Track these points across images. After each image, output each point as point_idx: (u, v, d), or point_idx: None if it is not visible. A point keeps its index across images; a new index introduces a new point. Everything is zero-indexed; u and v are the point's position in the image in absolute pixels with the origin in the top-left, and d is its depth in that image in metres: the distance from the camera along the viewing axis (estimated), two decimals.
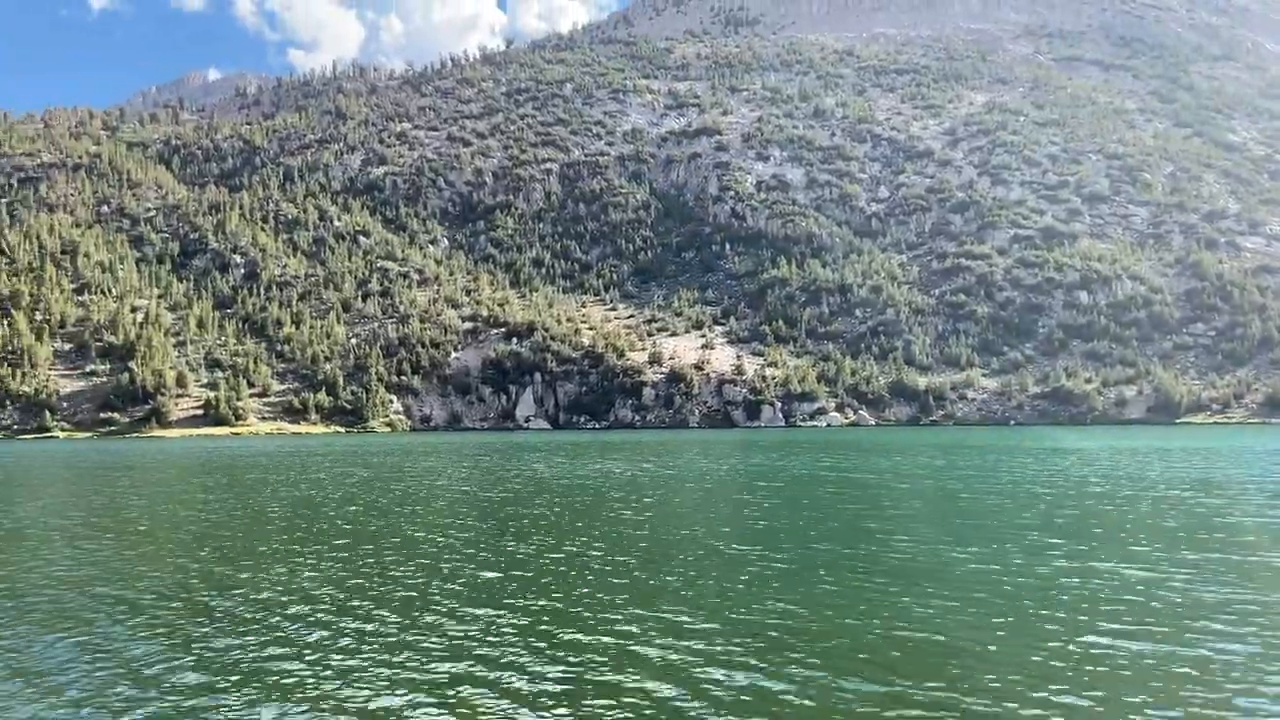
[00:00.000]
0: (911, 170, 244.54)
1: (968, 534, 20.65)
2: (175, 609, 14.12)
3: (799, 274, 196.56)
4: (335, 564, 17.75)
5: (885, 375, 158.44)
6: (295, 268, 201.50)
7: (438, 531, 22.15)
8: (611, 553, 18.47)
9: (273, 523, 24.65)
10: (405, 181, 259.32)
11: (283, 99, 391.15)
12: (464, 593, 14.88)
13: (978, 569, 16.30)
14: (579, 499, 29.54)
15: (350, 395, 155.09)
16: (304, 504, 29.46)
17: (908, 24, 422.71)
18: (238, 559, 18.58)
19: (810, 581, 15.41)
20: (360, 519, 24.95)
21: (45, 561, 18.64)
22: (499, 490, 33.26)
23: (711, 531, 21.58)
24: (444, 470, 45.82)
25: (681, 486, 34.04)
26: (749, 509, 26.63)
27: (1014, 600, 13.84)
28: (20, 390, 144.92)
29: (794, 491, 31.62)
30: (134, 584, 16.04)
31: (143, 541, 21.51)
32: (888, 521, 22.69)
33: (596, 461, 51.17)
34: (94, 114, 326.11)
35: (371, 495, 31.97)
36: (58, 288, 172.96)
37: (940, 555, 17.73)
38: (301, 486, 36.63)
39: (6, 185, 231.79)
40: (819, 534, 20.98)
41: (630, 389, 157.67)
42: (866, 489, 32.08)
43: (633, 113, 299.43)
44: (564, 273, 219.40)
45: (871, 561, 17.21)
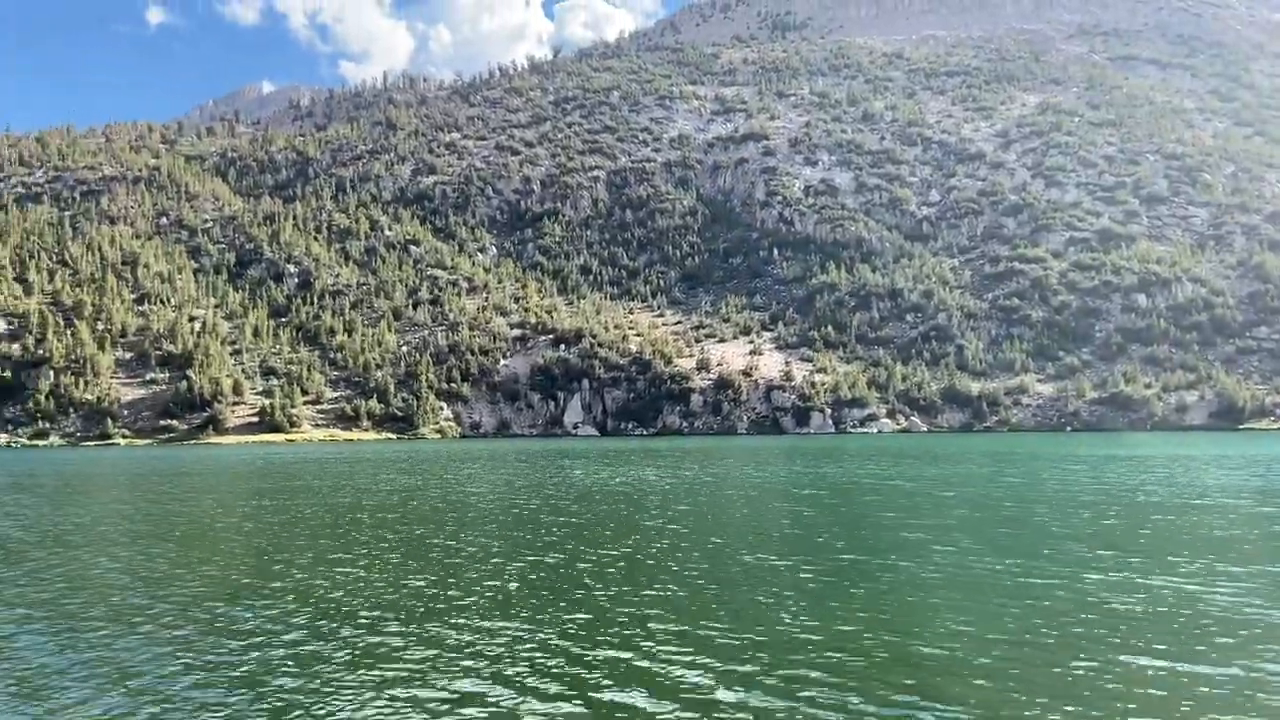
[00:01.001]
0: (963, 173, 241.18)
1: (1008, 545, 20.10)
2: (214, 612, 14.22)
3: (848, 279, 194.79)
4: (369, 570, 17.79)
5: (937, 381, 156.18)
6: (347, 277, 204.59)
7: (464, 540, 22.12)
8: (635, 562, 18.28)
9: (316, 529, 24.86)
10: (454, 190, 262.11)
11: (335, 110, 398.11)
12: (481, 603, 14.75)
13: (1015, 582, 15.80)
14: (610, 507, 29.39)
15: (401, 402, 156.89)
16: (346, 510, 29.71)
17: (958, 25, 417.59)
18: (274, 565, 18.71)
19: (837, 594, 15.05)
20: (395, 526, 25.07)
21: (94, 564, 18.96)
22: (531, 498, 33.23)
23: (741, 541, 21.27)
24: (481, 477, 45.97)
25: (717, 494, 33.74)
26: (782, 518, 26.28)
27: (1050, 615, 13.36)
28: (83, 398, 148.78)
29: (832, 500, 31.15)
30: (181, 587, 16.22)
31: (190, 546, 21.81)
32: (926, 531, 22.19)
33: (635, 469, 51.02)
34: (153, 128, 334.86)
35: (408, 503, 32.16)
36: (119, 298, 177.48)
37: (977, 567, 17.25)
38: (346, 493, 36.98)
39: (70, 198, 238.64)
40: (852, 544, 20.57)
41: (678, 395, 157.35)
42: (909, 497, 31.48)
43: (679, 119, 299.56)
44: (611, 279, 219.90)
45: (903, 573, 16.79)
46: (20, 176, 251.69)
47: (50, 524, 27.47)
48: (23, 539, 23.92)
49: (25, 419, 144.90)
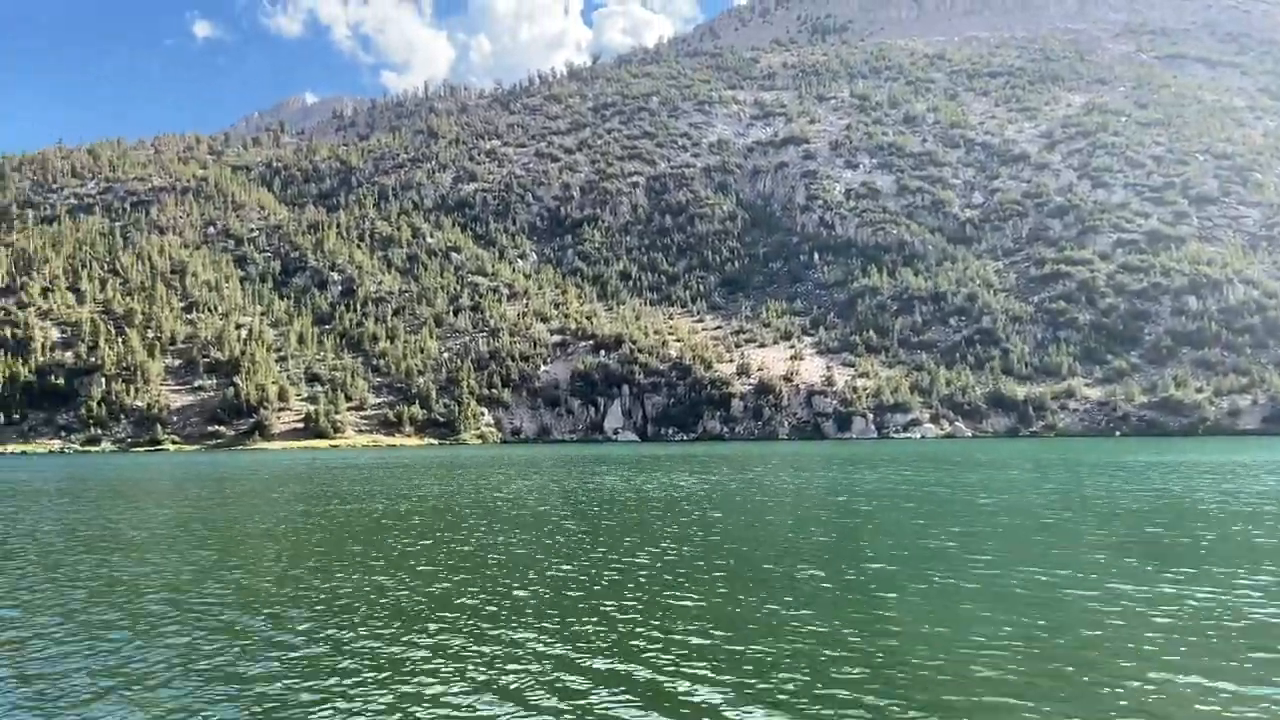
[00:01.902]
0: (1007, 175, 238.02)
1: (1044, 554, 19.55)
2: (239, 617, 14.25)
3: (890, 282, 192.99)
4: (392, 576, 17.77)
5: (982, 385, 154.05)
6: (390, 284, 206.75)
7: (494, 546, 22.04)
8: (656, 571, 18.02)
9: (348, 534, 24.95)
10: (495, 198, 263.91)
11: (377, 120, 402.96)
12: (502, 612, 14.61)
13: (1051, 594, 15.32)
14: (637, 514, 29.18)
15: (443, 408, 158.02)
16: (380, 515, 29.84)
17: (1001, 26, 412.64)
18: (304, 570, 18.77)
19: (859, 603, 14.67)
20: (424, 532, 25.10)
21: (125, 567, 19.15)
22: (560, 505, 33.14)
23: (770, 548, 20.93)
24: (517, 484, 46.00)
25: (749, 501, 33.39)
26: (812, 525, 25.88)
27: (1085, 629, 12.90)
28: (134, 405, 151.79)
29: (866, 506, 30.64)
30: (207, 590, 16.30)
31: (223, 551, 21.97)
32: (958, 540, 21.69)
33: (667, 475, 50.76)
34: (200, 139, 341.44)
35: (439, 509, 32.22)
36: (168, 306, 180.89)
37: (1008, 577, 16.73)
38: (380, 499, 37.18)
39: (120, 209, 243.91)
40: (883, 552, 20.10)
41: (718, 401, 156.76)
42: (945, 504, 30.91)
43: (719, 124, 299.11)
44: (651, 285, 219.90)
45: (928, 583, 16.35)
46: (73, 188, 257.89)
47: (90, 528, 27.89)
48: (61, 543, 24.28)
49: (78, 425, 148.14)
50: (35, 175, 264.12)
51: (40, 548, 23.36)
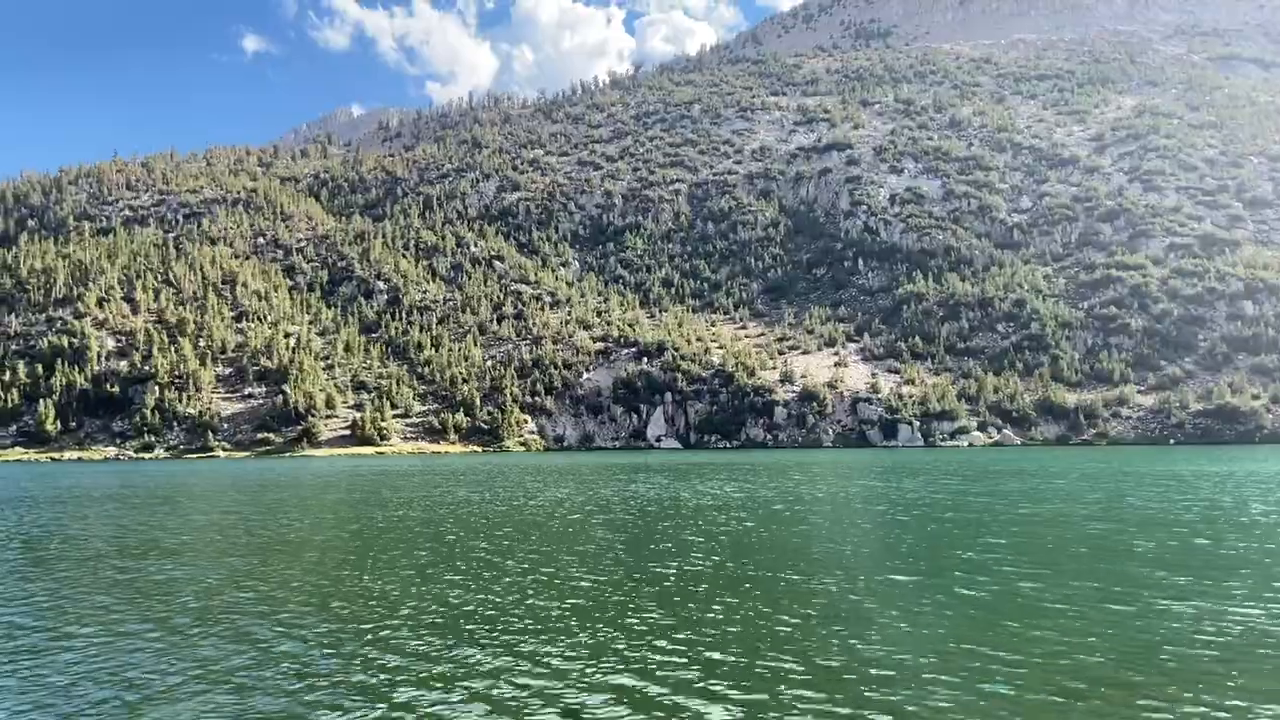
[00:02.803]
0: (1056, 179, 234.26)
1: (1084, 568, 18.95)
2: (273, 621, 14.26)
3: (936, 288, 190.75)
4: (418, 582, 17.71)
5: (1031, 392, 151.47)
6: (434, 293, 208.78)
7: (513, 555, 21.91)
8: (681, 582, 17.71)
9: (383, 541, 25.01)
10: (538, 206, 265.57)
11: (422, 130, 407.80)
12: (518, 621, 14.44)
13: (1089, 609, 14.82)
14: (668, 523, 28.91)
15: (487, 416, 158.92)
16: (415, 522, 29.91)
17: (1049, 28, 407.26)
18: (336, 574, 18.80)
19: (882, 617, 14.24)
20: (451, 539, 25.07)
21: (162, 571, 19.33)
22: (592, 514, 32.96)
23: (793, 560, 20.47)
24: (544, 491, 45.92)
25: (782, 511, 32.94)
26: (844, 536, 25.36)
27: (1126, 650, 12.41)
28: (186, 412, 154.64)
29: (903, 517, 30.02)
30: (242, 595, 16.36)
31: (262, 556, 22.10)
32: (995, 552, 21.04)
33: (705, 483, 50.36)
34: (250, 151, 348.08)
35: (470, 516, 32.23)
36: (219, 315, 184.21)
37: (1040, 591, 16.23)
38: (417, 506, 37.30)
39: (173, 220, 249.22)
40: (911, 565, 19.60)
41: (761, 408, 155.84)
42: (986, 515, 30.22)
43: (761, 130, 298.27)
44: (693, 292, 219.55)
45: (958, 597, 15.87)
46: (127, 200, 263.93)
47: (133, 534, 28.26)
48: (106, 548, 24.61)
49: (133, 432, 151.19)
50: (92, 188, 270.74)
51: (82, 552, 23.70)
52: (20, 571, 20.55)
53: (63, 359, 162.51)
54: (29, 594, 17.65)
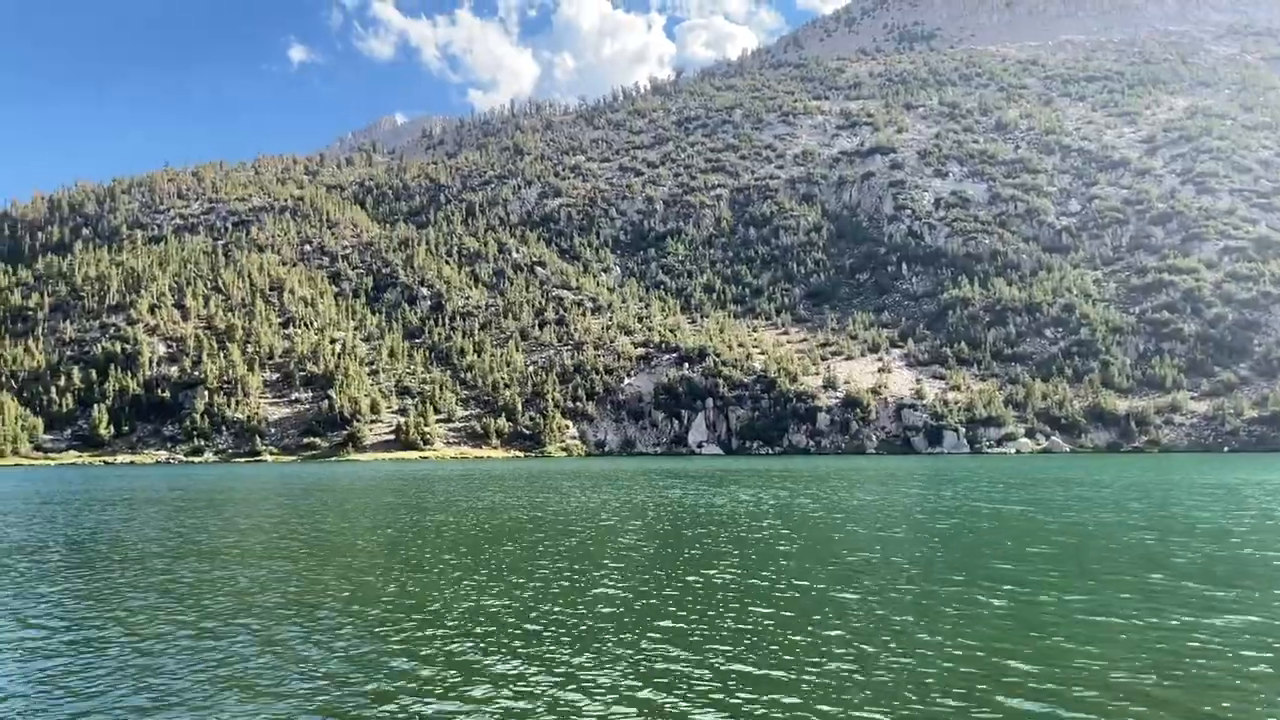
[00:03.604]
0: (1105, 181, 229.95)
1: (1110, 579, 18.23)
2: (306, 621, 14.15)
3: (982, 293, 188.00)
4: (442, 588, 17.52)
5: (1080, 399, 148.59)
6: (477, 299, 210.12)
7: (541, 562, 21.64)
8: (707, 591, 17.31)
9: (418, 545, 24.89)
10: (579, 212, 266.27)
11: (464, 138, 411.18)
12: (542, 629, 14.18)
13: (1106, 620, 14.18)
14: (703, 529, 28.49)
15: (528, 421, 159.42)
16: (449, 528, 29.83)
17: (1097, 29, 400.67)
18: (370, 576, 18.68)
19: (907, 628, 13.73)
20: (481, 543, 24.88)
21: (195, 573, 19.36)
22: (626, 520, 32.63)
23: (812, 570, 19.92)
24: (579, 496, 45.67)
25: (818, 519, 32.33)
26: (869, 546, 24.65)
27: (1136, 665, 11.81)
28: (235, 417, 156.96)
29: (938, 525, 29.26)
30: (303, 595, 16.30)
31: (301, 558, 22.08)
32: (1027, 563, 20.38)
33: (744, 489, 49.80)
34: (297, 160, 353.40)
35: (503, 521, 32.07)
36: (266, 322, 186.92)
37: (1059, 602, 15.59)
38: (452, 511, 37.27)
39: (222, 228, 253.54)
40: (935, 575, 18.90)
41: (804, 414, 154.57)
42: (1027, 524, 29.39)
43: (803, 135, 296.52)
44: (735, 297, 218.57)
45: (987, 609, 15.30)
46: (178, 209, 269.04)
47: (181, 536, 28.48)
48: (149, 549, 24.78)
49: (182, 437, 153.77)
50: (144, 197, 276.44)
51: (125, 553, 23.89)
52: (67, 570, 20.73)
53: (116, 364, 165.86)
54: (74, 592, 17.77)
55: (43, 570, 21.23)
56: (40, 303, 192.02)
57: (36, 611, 16.18)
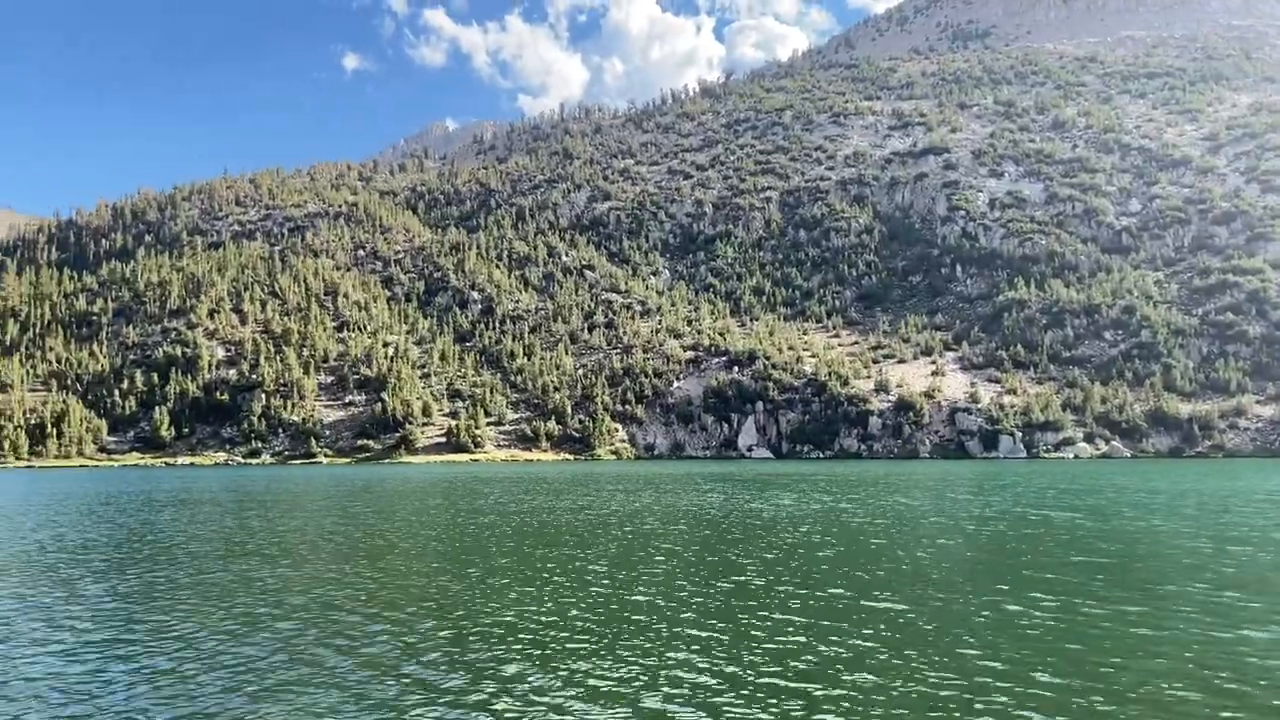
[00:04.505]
0: (1166, 180, 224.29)
1: (1159, 590, 17.50)
2: (347, 625, 14.12)
3: (1039, 295, 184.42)
4: (471, 591, 17.40)
5: (1141, 403, 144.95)
6: (527, 302, 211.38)
7: (571, 563, 21.42)
8: (736, 598, 16.91)
9: (454, 547, 24.86)
10: (628, 216, 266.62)
11: (514, 143, 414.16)
12: (564, 634, 13.95)
13: (1153, 633, 13.55)
14: (733, 534, 28.08)
15: (578, 424, 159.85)
16: (486, 529, 29.80)
17: (1158, 25, 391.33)
18: (409, 580, 18.65)
19: (941, 640, 13.24)
20: (516, 546, 24.76)
21: (233, 573, 19.51)
22: (663, 525, 32.31)
23: (849, 579, 19.44)
24: (616, 499, 45.43)
25: (845, 525, 31.73)
26: (900, 555, 24.07)
27: (1181, 681, 11.22)
28: (290, 419, 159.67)
29: (976, 532, 28.49)
30: (357, 597, 16.33)
31: (360, 559, 22.17)
32: (1069, 572, 19.68)
33: (791, 494, 49.18)
34: (351, 166, 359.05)
35: (542, 523, 31.95)
36: (321, 326, 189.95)
37: (1099, 614, 14.97)
38: (492, 513, 37.31)
39: (279, 234, 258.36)
40: (974, 584, 18.34)
41: (855, 418, 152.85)
42: (1066, 529, 28.51)
43: (855, 135, 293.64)
44: (785, 300, 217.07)
45: (1019, 619, 14.74)
46: (236, 215, 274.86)
47: (235, 536, 28.82)
48: (202, 549, 25.09)
49: (240, 439, 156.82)
50: (203, 204, 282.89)
51: (176, 553, 24.22)
52: (113, 569, 21.04)
53: (177, 368, 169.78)
54: (116, 591, 18.02)
55: (90, 569, 21.59)
56: (105, 308, 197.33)
57: (75, 610, 16.46)
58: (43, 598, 17.88)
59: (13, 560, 23.53)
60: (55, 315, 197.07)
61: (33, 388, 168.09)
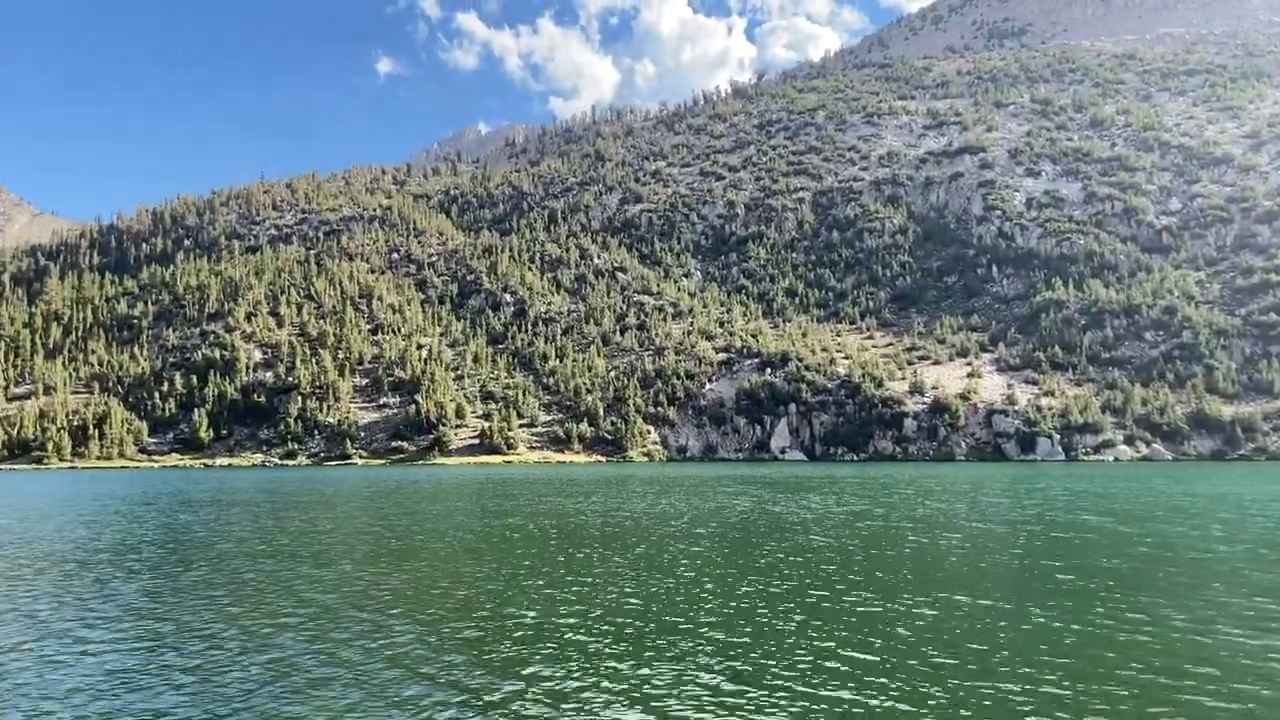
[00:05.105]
0: (1208, 179, 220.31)
1: (1184, 599, 17.02)
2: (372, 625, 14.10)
3: (1077, 295, 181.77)
4: (498, 594, 17.30)
5: (1183, 405, 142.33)
6: (559, 304, 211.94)
7: (592, 567, 21.25)
8: (756, 603, 16.70)
9: (480, 548, 24.82)
10: (660, 218, 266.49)
11: (546, 145, 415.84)
12: (582, 638, 13.80)
13: (1180, 643, 13.13)
14: (757, 538, 27.78)
15: (610, 426, 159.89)
16: (515, 530, 29.76)
17: (1198, 21, 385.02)
18: (434, 581, 18.62)
19: (962, 650, 12.95)
20: (540, 549, 24.65)
21: (260, 574, 19.58)
22: (688, 528, 32.07)
23: (872, 585, 19.13)
24: (644, 501, 45.22)
25: (871, 529, 31.28)
26: (925, 561, 23.62)
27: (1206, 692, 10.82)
28: (326, 421, 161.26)
29: (1010, 537, 28.01)
30: (333, 597, 16.34)
31: (389, 560, 22.20)
32: (1094, 577, 19.21)
33: (816, 497, 48.75)
34: (385, 170, 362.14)
35: (565, 526, 31.84)
36: (356, 328, 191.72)
37: (1119, 620, 14.55)
38: (519, 515, 37.29)
39: (315, 238, 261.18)
40: (998, 591, 18.01)
41: (890, 420, 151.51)
42: (1095, 534, 27.92)
43: (888, 135, 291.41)
44: (818, 301, 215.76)
45: (1040, 627, 14.37)
46: (273, 220, 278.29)
47: (269, 536, 29.02)
48: (231, 548, 25.26)
49: (277, 440, 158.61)
50: (241, 208, 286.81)
51: (209, 553, 24.41)
52: (146, 568, 21.24)
53: (215, 370, 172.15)
54: (147, 590, 18.16)
55: (124, 567, 21.80)
56: (145, 311, 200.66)
57: (106, 607, 16.64)
58: (78, 594, 18.16)
59: (51, 558, 23.86)
60: (97, 319, 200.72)
61: (75, 390, 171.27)
